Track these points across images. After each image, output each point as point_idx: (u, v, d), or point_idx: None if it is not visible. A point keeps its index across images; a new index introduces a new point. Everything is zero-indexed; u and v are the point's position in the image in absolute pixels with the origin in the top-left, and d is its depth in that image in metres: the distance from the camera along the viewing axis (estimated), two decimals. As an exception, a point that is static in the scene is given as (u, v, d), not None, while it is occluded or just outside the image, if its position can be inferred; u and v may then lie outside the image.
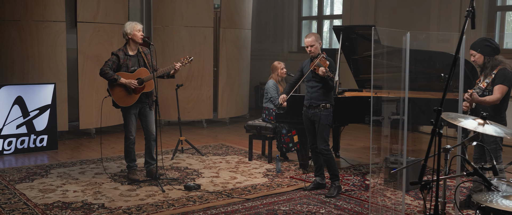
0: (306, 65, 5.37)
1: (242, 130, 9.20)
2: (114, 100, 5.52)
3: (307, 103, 5.29)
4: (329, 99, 5.20)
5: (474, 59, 4.52)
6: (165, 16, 8.97)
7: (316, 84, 5.18)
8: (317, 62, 5.09)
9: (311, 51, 5.20)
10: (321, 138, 5.18)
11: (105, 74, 5.42)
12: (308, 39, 5.21)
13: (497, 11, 8.26)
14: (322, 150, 5.18)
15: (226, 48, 9.42)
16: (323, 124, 5.16)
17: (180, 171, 6.11)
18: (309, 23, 11.86)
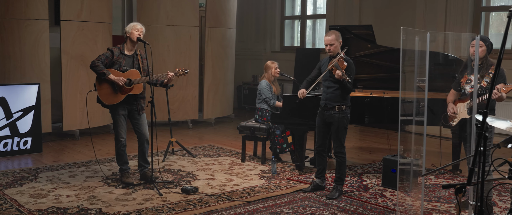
0: (324, 64, 5.23)
1: (228, 130, 9.11)
2: (99, 96, 5.36)
3: (322, 104, 5.19)
4: (345, 101, 5.09)
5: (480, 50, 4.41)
6: (149, 15, 8.79)
7: (333, 84, 5.07)
8: (334, 63, 4.97)
9: (330, 51, 5.07)
10: (337, 140, 5.09)
11: (95, 67, 5.25)
12: (328, 37, 5.07)
13: (482, 12, 8.36)
14: (338, 152, 5.11)
15: (211, 48, 9.29)
16: (339, 127, 5.07)
17: (173, 173, 5.97)
18: (292, 22, 11.82)
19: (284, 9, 11.76)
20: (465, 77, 4.57)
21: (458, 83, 4.64)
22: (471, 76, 4.52)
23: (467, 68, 4.59)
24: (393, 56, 6.43)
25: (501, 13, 8.45)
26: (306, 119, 5.85)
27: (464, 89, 4.55)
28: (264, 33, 11.98)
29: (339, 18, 10.21)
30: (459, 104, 4.56)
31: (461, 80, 4.60)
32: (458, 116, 4.57)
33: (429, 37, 4.09)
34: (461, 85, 4.59)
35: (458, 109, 4.60)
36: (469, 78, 4.52)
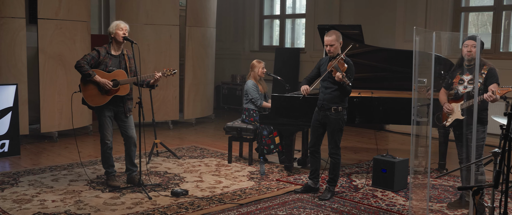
0: (324, 64, 5.15)
1: (209, 130, 9.00)
2: (84, 97, 5.19)
3: (319, 104, 5.12)
4: (342, 103, 5.04)
5: (472, 50, 4.41)
6: (128, 13, 8.60)
7: (331, 85, 5.00)
8: (335, 65, 4.90)
9: (330, 51, 4.99)
10: (332, 141, 5.04)
11: (80, 68, 5.08)
12: (329, 37, 4.98)
13: (462, 12, 8.46)
14: (333, 153, 5.06)
15: (192, 47, 9.16)
16: (334, 128, 5.02)
17: (160, 175, 5.84)
18: (271, 22, 11.77)
19: (263, 8, 11.69)
20: (457, 77, 4.57)
21: (449, 83, 4.64)
22: (464, 77, 4.52)
23: (460, 68, 4.59)
24: (380, 56, 6.45)
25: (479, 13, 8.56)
26: (295, 119, 5.80)
27: (457, 89, 4.55)
28: (242, 32, 11.89)
29: (319, 17, 10.20)
30: (453, 105, 4.56)
31: (453, 80, 4.60)
32: (452, 116, 4.57)
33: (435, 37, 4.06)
34: (453, 85, 4.59)
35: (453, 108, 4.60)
36: (462, 79, 4.52)
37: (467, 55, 4.45)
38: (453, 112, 4.55)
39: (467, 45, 4.44)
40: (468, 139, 4.56)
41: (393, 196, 5.19)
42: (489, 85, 4.37)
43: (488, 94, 4.22)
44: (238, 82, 11.23)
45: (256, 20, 11.70)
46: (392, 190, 5.35)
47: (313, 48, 10.36)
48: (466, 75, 4.50)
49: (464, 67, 4.54)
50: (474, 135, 4.00)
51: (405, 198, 5.13)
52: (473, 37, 4.44)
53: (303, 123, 5.77)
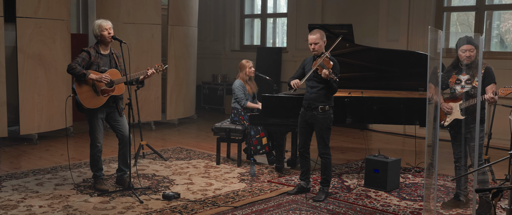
0: (308, 63, 5.08)
1: (192, 131, 8.88)
2: (79, 100, 5.02)
3: (305, 104, 5.05)
4: (329, 101, 4.99)
5: (471, 55, 4.42)
6: (109, 12, 8.40)
7: (317, 84, 4.95)
8: (320, 63, 4.85)
9: (315, 50, 4.94)
10: (321, 141, 4.98)
11: (73, 70, 4.92)
12: (313, 36, 4.93)
13: (444, 12, 8.52)
14: (322, 153, 5.01)
15: (174, 47, 9.02)
16: (322, 128, 4.96)
17: (148, 178, 5.70)
18: (251, 21, 11.69)
19: (244, 7, 11.60)
20: (453, 77, 4.56)
21: (445, 82, 4.62)
22: (460, 76, 4.52)
23: (455, 68, 4.59)
24: (369, 56, 6.43)
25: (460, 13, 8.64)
26: (286, 119, 5.73)
27: (454, 89, 4.54)
28: (223, 31, 11.78)
29: (301, 17, 10.16)
30: (451, 105, 4.55)
31: (449, 80, 4.59)
32: (451, 116, 4.56)
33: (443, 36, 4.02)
34: (450, 85, 4.58)
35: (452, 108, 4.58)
36: (459, 78, 4.51)
37: (466, 60, 4.44)
38: (452, 111, 4.54)
39: (465, 50, 4.44)
40: (467, 139, 4.55)
41: (387, 196, 5.17)
42: (487, 86, 4.37)
43: (490, 96, 4.22)
44: (219, 82, 11.12)
45: (237, 19, 11.60)
46: (385, 190, 5.33)
47: (295, 47, 10.31)
48: (463, 75, 4.50)
49: (459, 67, 4.53)
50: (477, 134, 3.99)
51: (399, 198, 5.11)
52: (470, 41, 4.44)
53: (293, 123, 5.70)
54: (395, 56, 6.48)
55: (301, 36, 10.18)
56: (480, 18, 8.10)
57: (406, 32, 8.70)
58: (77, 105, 5.13)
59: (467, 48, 4.42)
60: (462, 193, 4.81)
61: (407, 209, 4.79)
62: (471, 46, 4.41)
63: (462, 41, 4.47)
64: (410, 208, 4.81)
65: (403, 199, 5.11)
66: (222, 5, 11.71)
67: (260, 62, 10.56)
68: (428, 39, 8.57)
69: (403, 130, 8.83)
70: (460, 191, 4.82)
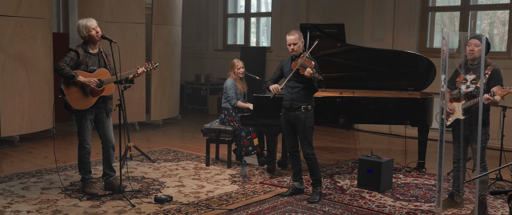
0: (286, 64, 5.04)
1: (177, 132, 8.76)
2: (68, 101, 4.87)
3: (287, 104, 5.01)
4: (310, 101, 4.97)
5: (474, 49, 4.36)
6: (92, 10, 8.22)
7: (298, 84, 4.91)
8: (301, 63, 4.81)
9: (294, 50, 4.89)
10: (305, 142, 4.93)
11: (61, 70, 4.76)
12: (291, 37, 4.89)
13: (429, 11, 8.56)
14: (307, 154, 4.95)
15: (158, 46, 8.87)
16: (306, 128, 4.92)
17: (138, 181, 5.57)
18: (235, 20, 11.59)
19: (227, 6, 11.50)
20: (460, 76, 4.53)
21: (453, 82, 4.60)
22: (467, 76, 4.49)
23: (464, 67, 4.56)
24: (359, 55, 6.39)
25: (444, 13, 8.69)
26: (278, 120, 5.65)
27: (460, 89, 4.51)
28: (206, 31, 11.66)
29: (285, 16, 10.12)
30: (454, 104, 4.52)
31: (456, 79, 4.56)
32: (453, 116, 4.54)
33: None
34: (456, 84, 4.55)
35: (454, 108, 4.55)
36: (465, 78, 4.49)
37: (469, 54, 4.41)
38: (454, 111, 4.51)
39: (470, 44, 4.40)
40: (469, 140, 4.53)
41: (381, 197, 5.14)
42: (492, 87, 4.31)
43: (486, 96, 4.17)
44: (202, 82, 11.01)
45: (220, 18, 11.49)
46: (378, 190, 5.31)
47: (279, 47, 10.26)
48: (469, 74, 4.46)
49: (468, 66, 4.51)
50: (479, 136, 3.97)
51: (393, 199, 5.09)
52: (477, 36, 4.41)
53: (286, 123, 5.64)
54: (385, 56, 6.47)
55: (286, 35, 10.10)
56: (465, 18, 8.16)
57: (392, 32, 8.72)
58: (66, 106, 4.97)
59: (472, 43, 4.37)
60: (457, 193, 4.80)
61: (402, 210, 4.76)
62: (477, 41, 4.35)
63: (471, 37, 4.44)
64: (406, 209, 4.79)
65: (397, 199, 5.08)
66: (205, 4, 11.59)
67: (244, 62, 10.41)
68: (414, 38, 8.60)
69: (389, 130, 8.85)
70: (455, 191, 4.81)
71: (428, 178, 5.88)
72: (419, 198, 5.14)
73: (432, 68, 6.26)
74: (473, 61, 4.44)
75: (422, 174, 6.06)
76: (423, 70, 6.34)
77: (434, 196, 5.19)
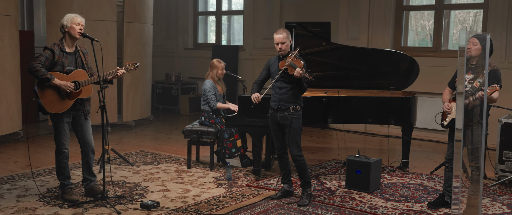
0: (273, 64, 4.90)
1: (150, 133, 8.52)
2: (42, 104, 4.59)
3: (274, 105, 4.87)
4: (299, 101, 4.84)
5: (471, 48, 4.32)
6: (60, 7, 7.87)
7: (285, 85, 4.78)
8: (290, 62, 4.67)
9: (282, 49, 4.75)
10: (294, 143, 4.81)
11: (35, 72, 4.48)
12: (279, 35, 4.73)
13: (404, 10, 8.59)
14: (295, 156, 4.83)
15: (130, 45, 8.59)
16: (294, 128, 4.80)
17: (119, 186, 5.33)
18: (205, 18, 11.38)
19: (197, 4, 11.28)
20: None
21: (453, 81, 4.57)
22: (466, 76, 4.44)
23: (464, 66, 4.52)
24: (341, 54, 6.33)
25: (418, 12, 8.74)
26: (264, 120, 5.52)
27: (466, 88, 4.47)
28: (176, 29, 11.41)
29: (258, 14, 9.98)
30: (452, 104, 4.49)
31: (456, 79, 4.52)
32: (450, 115, 4.50)
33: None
34: (455, 84, 4.51)
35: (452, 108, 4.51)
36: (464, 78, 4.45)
37: (467, 52, 4.38)
38: (451, 111, 4.48)
39: (468, 42, 4.37)
40: None
41: (371, 198, 5.08)
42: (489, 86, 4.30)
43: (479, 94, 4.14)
44: (173, 81, 10.76)
45: (191, 16, 11.26)
46: (367, 191, 5.24)
47: (252, 46, 10.13)
48: (468, 74, 4.43)
49: (468, 66, 4.47)
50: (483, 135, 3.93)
51: (383, 200, 5.03)
52: (478, 35, 4.37)
53: (272, 124, 5.51)
54: (367, 54, 6.43)
55: (259, 34, 10.00)
56: (439, 17, 8.22)
57: (367, 30, 8.71)
58: (40, 109, 4.69)
59: (471, 41, 4.34)
60: (449, 194, 4.78)
61: (395, 211, 4.70)
62: (475, 40, 4.32)
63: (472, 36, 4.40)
64: (398, 210, 4.74)
65: (387, 200, 5.03)
66: (174, 1, 11.33)
67: (217, 61, 10.30)
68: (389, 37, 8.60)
69: (364, 129, 8.85)
70: (446, 192, 4.79)
71: (413, 178, 5.87)
72: (408, 198, 5.10)
73: (414, 67, 6.26)
74: (472, 61, 4.42)
75: (406, 174, 6.04)
76: (405, 69, 6.33)
77: (423, 196, 5.17)
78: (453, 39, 8.36)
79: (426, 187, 5.48)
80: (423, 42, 8.92)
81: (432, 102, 7.95)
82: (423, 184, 5.59)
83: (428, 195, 5.21)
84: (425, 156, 7.01)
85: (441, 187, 5.46)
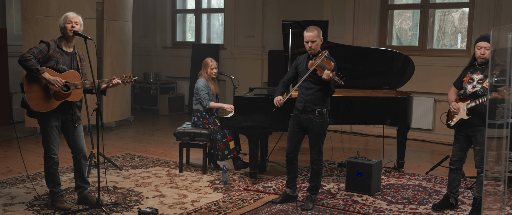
0: (302, 63, 4.69)
1: (132, 135, 8.24)
2: (26, 99, 4.28)
3: (299, 106, 4.66)
4: (325, 104, 4.65)
5: (486, 52, 4.25)
6: (38, 4, 7.51)
7: (313, 86, 4.58)
8: (319, 63, 4.48)
9: (311, 48, 4.55)
10: (316, 148, 4.64)
11: (25, 62, 4.18)
12: (310, 33, 4.51)
13: (389, 9, 8.55)
14: (316, 160, 4.66)
15: (110, 43, 8.27)
16: (318, 133, 4.62)
17: (111, 192, 5.07)
18: (183, 16, 11.11)
19: (176, 2, 10.99)
20: (468, 76, 4.41)
21: (460, 81, 4.48)
22: (474, 76, 4.37)
23: (471, 67, 4.44)
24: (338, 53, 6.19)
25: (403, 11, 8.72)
26: (261, 122, 5.35)
27: (466, 88, 4.39)
28: (153, 27, 11.10)
29: (240, 12, 9.79)
30: (459, 104, 4.40)
31: (464, 78, 4.44)
32: (457, 116, 4.42)
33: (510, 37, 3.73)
34: (463, 84, 4.43)
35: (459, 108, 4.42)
36: (472, 78, 4.37)
37: (480, 57, 4.30)
38: (459, 111, 4.39)
39: (481, 47, 4.28)
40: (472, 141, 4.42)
41: (374, 200, 4.97)
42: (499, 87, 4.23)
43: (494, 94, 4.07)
44: (151, 80, 10.47)
45: (169, 14, 10.97)
46: (369, 193, 5.13)
47: (234, 44, 9.92)
48: (477, 74, 4.35)
49: (475, 66, 4.40)
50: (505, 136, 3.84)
51: (386, 202, 4.92)
52: (486, 37, 4.29)
53: (269, 125, 5.35)
54: (362, 53, 6.33)
55: (240, 32, 9.81)
56: (425, 16, 8.21)
57: (352, 29, 8.63)
58: (24, 105, 4.37)
59: (483, 45, 4.26)
60: (453, 195, 4.70)
61: (401, 213, 4.60)
62: (487, 44, 4.25)
63: (480, 38, 4.32)
64: (404, 212, 4.63)
65: (390, 202, 4.93)
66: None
67: (197, 60, 10.07)
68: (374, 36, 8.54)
69: (350, 128, 8.77)
70: (451, 193, 4.71)
71: (410, 178, 5.79)
72: (411, 200, 5.01)
73: (408, 66, 6.18)
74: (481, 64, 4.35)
75: (402, 174, 5.97)
76: (398, 68, 6.25)
77: (425, 198, 5.09)
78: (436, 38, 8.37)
79: (425, 188, 5.40)
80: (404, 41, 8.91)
81: (418, 102, 7.93)
82: (422, 185, 5.52)
83: (429, 196, 5.14)
84: (415, 156, 6.97)
85: (441, 187, 5.42)
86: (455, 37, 8.74)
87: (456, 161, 4.58)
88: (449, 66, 7.70)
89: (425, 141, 7.93)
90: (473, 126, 4.34)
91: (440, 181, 5.67)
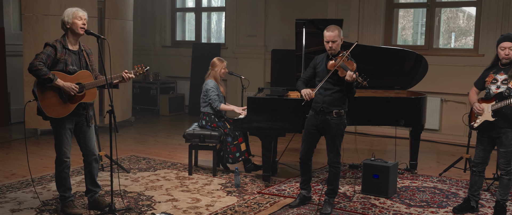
0: (321, 63, 4.55)
1: (134, 136, 8.07)
2: (41, 107, 4.12)
3: (317, 107, 4.53)
4: (344, 106, 4.51)
5: (510, 53, 4.15)
6: (38, 3, 7.32)
7: (332, 87, 4.44)
8: (341, 64, 4.34)
9: (332, 48, 4.41)
10: (334, 150, 4.50)
11: (37, 71, 4.02)
12: (331, 33, 4.37)
13: (394, 8, 8.44)
14: (334, 163, 4.53)
15: (111, 42, 8.04)
16: (336, 134, 4.48)
17: (121, 196, 4.90)
18: (183, 15, 10.94)
19: (175, 0, 10.82)
20: (490, 76, 4.30)
21: (482, 82, 4.37)
22: (497, 76, 4.26)
23: (494, 67, 4.33)
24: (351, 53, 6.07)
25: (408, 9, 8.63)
26: (274, 123, 5.21)
27: (489, 89, 4.28)
28: (152, 26, 10.92)
29: (242, 11, 9.64)
30: (483, 105, 4.29)
31: (486, 79, 4.33)
32: (481, 117, 4.30)
33: None
34: (486, 84, 4.32)
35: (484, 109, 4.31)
36: (495, 78, 4.26)
37: (505, 58, 4.19)
38: (483, 112, 4.28)
39: (504, 47, 4.18)
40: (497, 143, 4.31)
41: (392, 204, 4.85)
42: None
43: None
44: (151, 80, 10.29)
45: (168, 13, 10.80)
46: (386, 196, 5.01)
47: (235, 43, 9.77)
48: (501, 74, 4.25)
49: (499, 66, 4.29)
50: None
51: (405, 206, 4.80)
52: (509, 37, 4.19)
53: (282, 127, 5.21)
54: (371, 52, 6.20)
55: (242, 31, 9.66)
56: (432, 15, 8.12)
57: (357, 28, 8.52)
58: (39, 113, 4.22)
59: (507, 46, 4.16)
60: (474, 198, 4.60)
61: None
62: (510, 44, 4.15)
63: (502, 38, 4.22)
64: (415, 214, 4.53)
65: (409, 206, 4.81)
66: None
67: (197, 59, 9.91)
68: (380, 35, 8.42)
69: (355, 129, 8.66)
70: (472, 196, 4.60)
71: (424, 180, 5.68)
72: (429, 203, 4.90)
73: (420, 65, 6.06)
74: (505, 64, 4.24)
75: (415, 176, 5.86)
76: (410, 68, 6.14)
77: (443, 200, 4.98)
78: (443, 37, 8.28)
79: (441, 190, 5.30)
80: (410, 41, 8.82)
81: (426, 101, 7.82)
82: (437, 187, 5.41)
83: (447, 199, 5.03)
84: (424, 157, 6.86)
85: (457, 189, 5.32)
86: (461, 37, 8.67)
87: (479, 163, 4.47)
88: (456, 66, 7.61)
89: (432, 141, 7.84)
90: (498, 127, 4.24)
91: (455, 183, 5.57)
